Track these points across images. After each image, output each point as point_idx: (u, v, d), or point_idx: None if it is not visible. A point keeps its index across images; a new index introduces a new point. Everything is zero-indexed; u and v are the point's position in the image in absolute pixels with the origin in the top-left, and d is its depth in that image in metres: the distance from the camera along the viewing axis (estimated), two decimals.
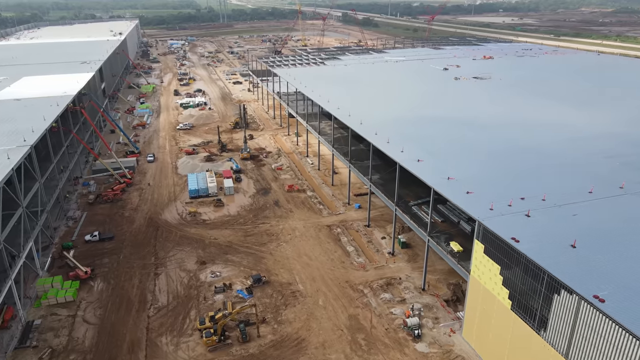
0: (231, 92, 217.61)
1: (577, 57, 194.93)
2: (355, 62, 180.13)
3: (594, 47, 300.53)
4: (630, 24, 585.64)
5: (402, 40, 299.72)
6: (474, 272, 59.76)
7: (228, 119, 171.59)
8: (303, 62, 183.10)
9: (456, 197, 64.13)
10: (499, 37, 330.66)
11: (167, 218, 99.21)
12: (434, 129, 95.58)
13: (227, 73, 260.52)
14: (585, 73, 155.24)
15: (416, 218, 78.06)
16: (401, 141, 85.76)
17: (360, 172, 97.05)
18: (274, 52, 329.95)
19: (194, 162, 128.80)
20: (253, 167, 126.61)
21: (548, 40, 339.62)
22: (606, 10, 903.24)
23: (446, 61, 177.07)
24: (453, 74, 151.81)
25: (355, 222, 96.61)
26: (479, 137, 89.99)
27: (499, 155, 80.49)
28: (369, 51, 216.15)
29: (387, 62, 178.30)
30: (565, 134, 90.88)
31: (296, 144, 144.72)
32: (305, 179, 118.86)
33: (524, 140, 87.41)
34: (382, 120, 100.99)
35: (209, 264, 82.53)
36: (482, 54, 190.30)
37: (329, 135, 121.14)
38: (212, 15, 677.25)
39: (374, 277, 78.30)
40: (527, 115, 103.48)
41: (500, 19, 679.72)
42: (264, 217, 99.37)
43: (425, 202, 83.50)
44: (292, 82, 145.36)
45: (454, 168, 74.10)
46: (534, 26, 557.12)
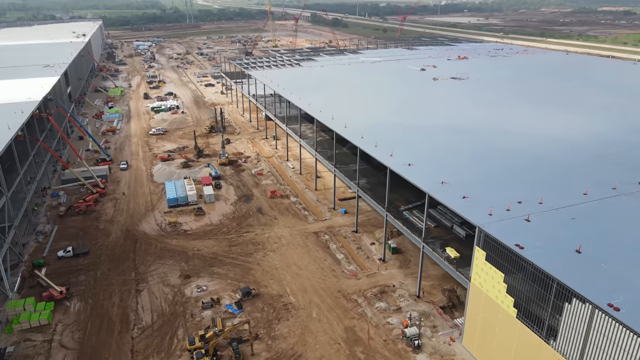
0: (203, 94, 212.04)
1: (547, 56, 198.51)
2: (331, 63, 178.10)
3: (561, 46, 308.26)
4: (589, 24, 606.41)
5: (375, 41, 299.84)
6: (475, 279, 58.28)
7: (203, 123, 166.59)
8: (278, 63, 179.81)
9: (453, 202, 62.59)
10: (467, 37, 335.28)
11: (145, 229, 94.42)
12: (419, 131, 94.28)
13: (198, 75, 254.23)
14: (560, 72, 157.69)
15: (408, 223, 76.29)
16: (388, 144, 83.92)
17: (346, 177, 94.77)
18: (244, 53, 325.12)
19: (170, 168, 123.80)
20: (232, 173, 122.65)
21: (515, 40, 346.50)
22: (565, 10, 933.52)
23: (422, 61, 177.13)
24: (430, 74, 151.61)
25: (342, 228, 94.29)
26: (465, 139, 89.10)
27: (487, 157, 79.65)
28: (343, 52, 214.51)
29: (363, 63, 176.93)
30: (549, 134, 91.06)
31: (275, 147, 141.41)
32: (288, 184, 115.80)
33: (509, 141, 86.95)
34: (366, 123, 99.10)
35: (194, 277, 78.55)
36: (456, 54, 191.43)
37: (311, 139, 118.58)
38: (178, 16, 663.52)
39: (367, 286, 76.13)
40: (510, 116, 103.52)
41: (466, 19, 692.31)
42: (248, 225, 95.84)
43: (416, 206, 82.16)
44: (269, 85, 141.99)
45: (445, 172, 72.80)
46: (499, 26, 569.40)
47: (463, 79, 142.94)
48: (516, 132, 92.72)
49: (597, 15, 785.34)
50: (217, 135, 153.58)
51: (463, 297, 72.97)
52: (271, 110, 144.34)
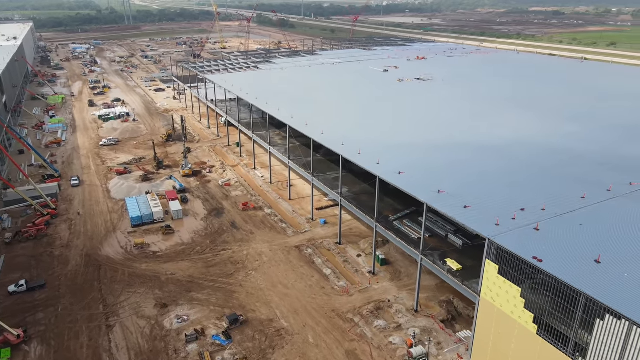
0: (154, 100, 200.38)
1: (500, 55, 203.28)
2: (291, 65, 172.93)
3: (506, 45, 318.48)
4: (523, 23, 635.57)
5: (330, 42, 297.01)
6: (486, 293, 55.47)
7: (158, 132, 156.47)
8: (235, 66, 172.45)
9: (455, 213, 59.60)
10: (415, 37, 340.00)
11: (109, 253, 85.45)
12: (400, 136, 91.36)
13: (145, 79, 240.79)
14: (520, 71, 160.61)
15: (401, 234, 72.79)
16: (371, 151, 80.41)
17: (326, 186, 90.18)
18: (192, 56, 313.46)
19: (129, 183, 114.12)
20: (198, 185, 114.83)
21: (459, 40, 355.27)
22: (499, 10, 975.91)
23: (381, 62, 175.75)
24: (394, 75, 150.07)
25: (324, 240, 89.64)
26: (448, 143, 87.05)
27: (473, 161, 77.65)
28: (299, 53, 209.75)
29: (323, 65, 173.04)
30: (525, 136, 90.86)
31: (240, 155, 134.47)
32: (259, 194, 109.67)
33: (491, 144, 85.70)
34: (342, 129, 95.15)
35: (172, 306, 71.20)
36: (413, 55, 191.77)
37: (281, 146, 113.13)
38: (115, 17, 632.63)
39: (361, 302, 71.96)
40: (484, 118, 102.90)
41: (409, 19, 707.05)
42: (223, 242, 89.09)
43: (406, 215, 78.95)
44: (230, 90, 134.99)
45: (437, 179, 70.06)
46: (441, 26, 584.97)
47: (428, 79, 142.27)
48: (495, 134, 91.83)
49: (529, 15, 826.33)
50: (175, 143, 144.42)
51: (461, 308, 70.53)
52: (233, 116, 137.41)
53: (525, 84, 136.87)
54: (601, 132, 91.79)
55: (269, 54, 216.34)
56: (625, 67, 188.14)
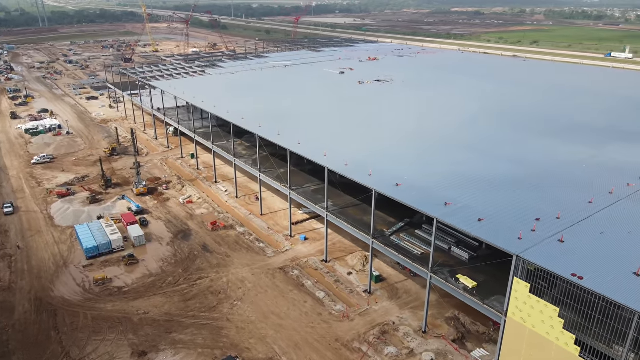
0: (88, 110, 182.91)
1: (447, 55, 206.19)
2: (241, 69, 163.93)
3: (446, 45, 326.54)
4: (449, 23, 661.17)
5: (272, 44, 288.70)
6: (514, 314, 51.75)
7: (98, 145, 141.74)
8: (181, 72, 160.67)
9: (473, 228, 55.54)
10: (354, 38, 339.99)
11: (64, 294, 73.48)
12: (381, 143, 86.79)
13: (74, 87, 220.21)
14: (477, 71, 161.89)
15: (403, 251, 67.91)
16: (358, 161, 75.29)
17: (308, 200, 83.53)
18: (122, 60, 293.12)
19: (75, 207, 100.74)
20: (156, 204, 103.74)
21: (393, 39, 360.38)
22: (425, 11, 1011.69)
23: (334, 64, 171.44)
24: (352, 77, 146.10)
25: (309, 259, 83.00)
26: (433, 149, 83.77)
27: (467, 168, 74.37)
28: (246, 56, 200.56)
29: (275, 68, 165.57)
30: (509, 137, 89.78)
31: (196, 168, 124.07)
32: (227, 211, 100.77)
33: (481, 148, 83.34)
34: (317, 137, 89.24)
35: (152, 353, 61.61)
36: (363, 55, 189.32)
37: (247, 157, 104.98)
38: (27, 19, 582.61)
39: (365, 327, 66.29)
40: (463, 120, 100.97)
41: (341, 19, 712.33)
42: (197, 269, 79.85)
43: (401, 228, 74.30)
44: (182, 97, 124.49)
45: (437, 189, 66.02)
46: (373, 26, 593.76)
47: (388, 81, 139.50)
48: (481, 137, 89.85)
49: (453, 15, 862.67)
50: (120, 158, 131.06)
51: (468, 324, 66.94)
52: (185, 125, 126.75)
53: (489, 84, 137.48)
54: (583, 133, 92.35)
55: (213, 57, 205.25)
56: (567, 65, 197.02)
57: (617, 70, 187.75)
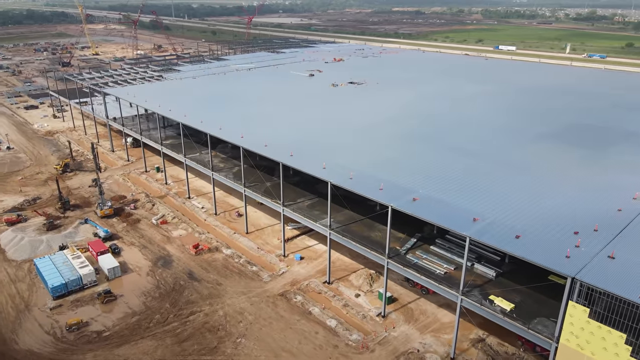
0: (28, 120, 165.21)
1: (410, 54, 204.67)
2: (201, 73, 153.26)
3: (404, 45, 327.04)
4: (394, 22, 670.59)
5: (227, 45, 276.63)
6: (569, 340, 47.42)
7: (47, 161, 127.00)
8: (135, 77, 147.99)
9: (511, 246, 50.99)
10: (302, 37, 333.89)
11: (31, 346, 62.16)
12: (379, 151, 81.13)
13: (8, 95, 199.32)
14: (444, 70, 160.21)
15: (423, 271, 62.45)
16: (363, 174, 69.65)
17: (305, 217, 76.29)
18: (60, 64, 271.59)
19: (30, 236, 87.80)
20: (126, 227, 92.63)
21: (345, 39, 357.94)
22: (367, 10, 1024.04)
23: (299, 66, 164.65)
24: (323, 80, 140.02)
25: (310, 281, 75.88)
26: (435, 156, 79.14)
27: (477, 175, 70.31)
28: (204, 59, 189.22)
29: (239, 71, 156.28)
30: (506, 138, 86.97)
31: (165, 182, 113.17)
32: (208, 231, 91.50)
33: (485, 153, 79.66)
34: (307, 148, 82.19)
35: None
36: (327, 57, 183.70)
37: (226, 171, 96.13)
38: None
39: (387, 357, 60.26)
40: (452, 123, 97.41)
41: (286, 19, 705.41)
42: (187, 302, 70.65)
43: (414, 244, 68.87)
44: (144, 105, 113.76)
45: (459, 202, 61.28)
46: (320, 26, 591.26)
47: (362, 83, 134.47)
48: (466, 136, 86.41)
49: (395, 15, 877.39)
50: (75, 174, 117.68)
51: (496, 345, 62.56)
52: (147, 136, 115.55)
53: (468, 83, 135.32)
54: (579, 133, 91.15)
55: (166, 60, 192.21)
56: (525, 64, 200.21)
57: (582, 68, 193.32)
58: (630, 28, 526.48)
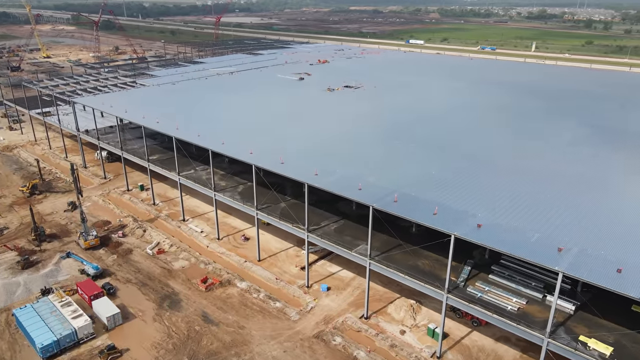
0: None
1: (392, 55, 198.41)
2: (179, 78, 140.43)
3: (384, 46, 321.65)
4: (355, 22, 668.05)
5: (198, 48, 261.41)
6: None
7: (8, 181, 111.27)
8: (106, 84, 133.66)
9: (619, 285, 43.84)
10: (272, 38, 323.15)
11: None
12: (413, 165, 72.97)
13: None
14: (435, 71, 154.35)
15: (491, 307, 54.67)
16: (406, 196, 61.07)
17: (337, 246, 66.93)
18: (8, 69, 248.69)
19: (2, 277, 73.81)
20: (117, 260, 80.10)
21: (313, 39, 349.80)
22: (325, 9, 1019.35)
23: (283, 69, 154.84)
24: (315, 84, 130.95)
25: (345, 317, 66.70)
26: (469, 169, 71.74)
27: (532, 194, 63.53)
28: (177, 62, 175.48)
29: (220, 75, 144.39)
30: (524, 144, 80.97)
31: (152, 202, 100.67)
32: (213, 260, 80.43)
33: (532, 166, 73.09)
34: (331, 164, 72.92)
35: None
36: (309, 58, 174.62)
37: (230, 190, 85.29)
38: None
39: None
40: (474, 129, 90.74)
41: (245, 19, 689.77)
42: (208, 354, 59.82)
43: (470, 272, 61.05)
44: (124, 116, 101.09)
45: (523, 227, 54.00)
46: (282, 25, 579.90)
47: (359, 87, 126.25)
48: (477, 143, 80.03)
49: (354, 14, 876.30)
50: (46, 197, 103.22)
51: None
52: (128, 151, 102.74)
53: (469, 85, 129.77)
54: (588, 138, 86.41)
55: (134, 64, 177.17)
56: (505, 62, 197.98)
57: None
58: (583, 26, 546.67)
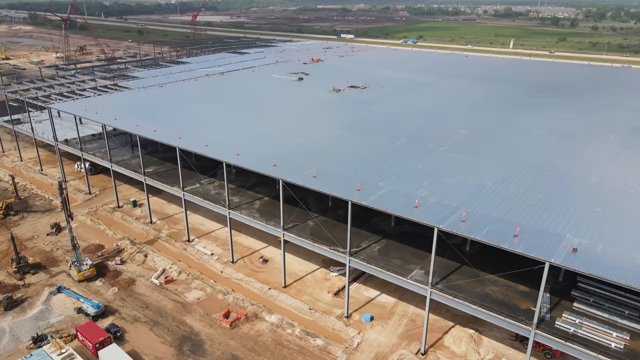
0: None
1: (385, 52, 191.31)
2: (165, 79, 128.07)
3: (364, 44, 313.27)
4: (326, 20, 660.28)
5: (180, 49, 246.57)
6: None
7: None
8: (85, 87, 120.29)
9: None
10: (255, 36, 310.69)
11: None
12: (459, 175, 64.66)
13: None
14: (437, 69, 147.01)
15: (591, 344, 46.93)
16: (470, 214, 52.81)
17: (387, 271, 58.00)
18: None
19: None
20: (119, 293, 68.50)
21: (288, 37, 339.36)
22: (292, 8, 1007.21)
23: (276, 68, 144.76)
24: (316, 84, 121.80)
25: (399, 354, 57.82)
26: (520, 176, 64.28)
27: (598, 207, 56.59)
28: (158, 62, 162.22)
29: (210, 76, 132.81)
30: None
31: (149, 221, 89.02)
32: (232, 288, 69.99)
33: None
34: (361, 174, 64.02)
35: None
36: (301, 57, 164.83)
37: (248, 208, 74.98)
38: None
39: None
40: (509, 130, 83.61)
41: (213, 18, 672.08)
42: None
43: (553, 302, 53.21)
44: (113, 125, 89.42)
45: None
46: (253, 24, 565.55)
47: (365, 87, 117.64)
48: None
49: (323, 12, 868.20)
50: (22, 218, 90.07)
51: None
52: (119, 163, 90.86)
53: (478, 84, 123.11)
54: None
55: (109, 65, 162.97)
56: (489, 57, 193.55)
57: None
58: (551, 23, 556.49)
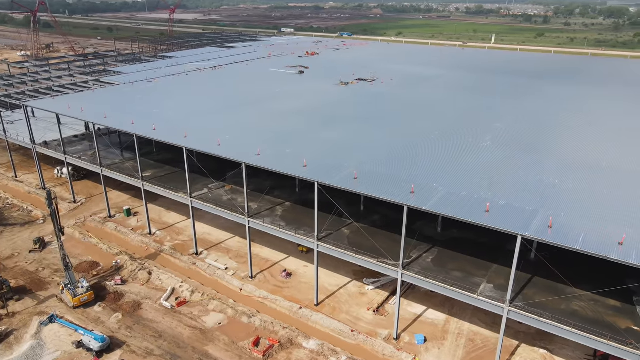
0: None
1: (380, 46, 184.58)
2: (153, 74, 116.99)
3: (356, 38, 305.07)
4: (300, 17, 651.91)
5: (164, 46, 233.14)
6: None
7: None
8: (64, 84, 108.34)
9: None
10: (236, 31, 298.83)
11: None
12: (501, 169, 57.36)
13: None
14: (443, 63, 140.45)
15: None
16: (525, 212, 45.55)
17: (456, 288, 49.92)
18: None
19: None
20: (123, 321, 58.15)
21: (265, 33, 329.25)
22: (264, 6, 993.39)
23: (269, 62, 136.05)
24: (320, 77, 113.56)
25: None
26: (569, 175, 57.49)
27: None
28: (140, 57, 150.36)
29: (201, 71, 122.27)
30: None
31: (147, 232, 78.43)
32: (257, 309, 60.64)
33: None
34: (401, 174, 56.17)
35: None
36: (294, 50, 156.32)
37: (271, 216, 65.76)
38: None
39: None
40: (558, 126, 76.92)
41: (185, 15, 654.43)
42: None
43: None
44: (105, 124, 78.12)
45: None
46: (226, 21, 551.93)
47: (374, 79, 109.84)
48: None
49: (296, 10, 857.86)
50: (0, 233, 78.16)
51: None
52: (93, 162, 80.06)
53: (483, 76, 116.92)
54: None
55: (86, 60, 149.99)
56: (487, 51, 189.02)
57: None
58: (523, 20, 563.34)
